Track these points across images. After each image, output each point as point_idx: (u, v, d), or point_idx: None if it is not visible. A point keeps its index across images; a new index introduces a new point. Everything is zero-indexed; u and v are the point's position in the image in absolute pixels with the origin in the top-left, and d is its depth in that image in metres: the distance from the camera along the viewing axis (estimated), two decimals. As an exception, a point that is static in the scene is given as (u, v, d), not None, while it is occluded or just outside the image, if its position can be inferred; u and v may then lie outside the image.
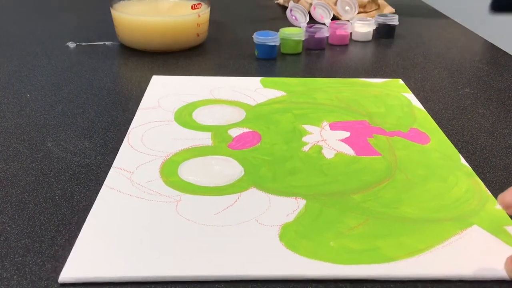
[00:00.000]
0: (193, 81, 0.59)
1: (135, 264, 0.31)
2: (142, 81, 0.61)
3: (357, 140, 0.47)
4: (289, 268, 0.31)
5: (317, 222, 0.35)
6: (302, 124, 0.49)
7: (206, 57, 0.70)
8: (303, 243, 0.33)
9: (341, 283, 0.31)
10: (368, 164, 0.43)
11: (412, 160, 0.43)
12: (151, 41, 0.70)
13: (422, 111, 0.53)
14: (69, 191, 0.39)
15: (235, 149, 0.45)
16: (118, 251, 0.32)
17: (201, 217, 0.36)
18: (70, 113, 0.52)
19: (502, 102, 0.56)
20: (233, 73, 0.63)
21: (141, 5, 0.74)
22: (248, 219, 0.36)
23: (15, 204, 0.37)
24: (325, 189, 0.39)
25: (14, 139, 0.46)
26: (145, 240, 0.33)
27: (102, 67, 0.65)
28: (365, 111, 0.52)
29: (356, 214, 0.36)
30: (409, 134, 0.48)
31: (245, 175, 0.41)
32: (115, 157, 0.43)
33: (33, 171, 0.41)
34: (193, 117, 0.50)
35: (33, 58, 0.67)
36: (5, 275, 0.31)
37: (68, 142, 0.46)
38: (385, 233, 0.35)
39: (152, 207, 0.37)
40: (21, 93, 0.56)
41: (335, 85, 0.59)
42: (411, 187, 0.40)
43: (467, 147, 0.47)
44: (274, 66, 0.67)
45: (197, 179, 0.40)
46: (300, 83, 0.59)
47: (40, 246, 0.33)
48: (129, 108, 0.53)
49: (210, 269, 0.31)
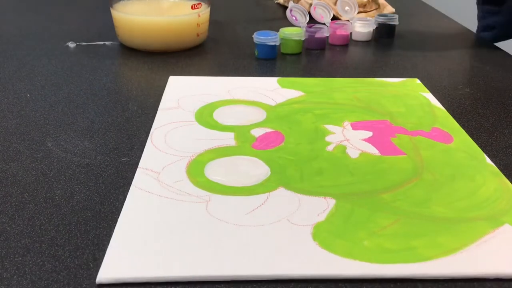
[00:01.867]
0: (210, 81, 0.59)
1: (171, 264, 0.31)
2: (142, 81, 0.61)
3: (380, 139, 0.47)
4: (325, 267, 0.31)
5: (349, 222, 0.36)
6: (324, 124, 0.49)
7: (206, 57, 0.70)
8: (337, 243, 0.33)
9: (379, 282, 0.31)
10: (394, 163, 0.43)
11: (438, 160, 0.44)
12: (151, 41, 0.70)
13: (442, 110, 0.53)
14: (69, 191, 0.39)
15: (259, 149, 0.45)
16: (153, 251, 0.32)
17: (233, 217, 0.36)
18: (70, 113, 0.52)
19: (502, 102, 0.56)
20: (233, 73, 0.63)
21: (141, 5, 0.74)
22: (280, 219, 0.36)
23: (15, 204, 0.37)
24: (354, 189, 0.39)
25: (14, 139, 0.46)
26: (179, 241, 0.33)
27: (102, 67, 0.65)
28: (386, 111, 0.52)
29: (387, 213, 0.37)
30: (432, 134, 0.48)
31: (272, 175, 0.41)
32: (117, 157, 0.43)
33: (33, 171, 0.41)
34: (214, 117, 0.50)
35: (33, 58, 0.67)
36: (5, 275, 0.31)
37: (68, 142, 0.46)
38: (419, 232, 0.35)
39: (183, 208, 0.37)
40: (21, 93, 0.56)
41: (353, 84, 0.59)
42: (440, 187, 0.40)
43: (467, 147, 0.47)
44: (274, 66, 0.67)
45: (224, 179, 0.40)
46: (317, 83, 0.59)
47: (40, 246, 0.33)
48: (129, 108, 0.53)
49: (246, 269, 0.31)
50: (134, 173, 0.41)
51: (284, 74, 0.63)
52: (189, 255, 0.32)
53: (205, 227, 0.35)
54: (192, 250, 0.32)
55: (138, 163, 0.43)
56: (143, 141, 0.46)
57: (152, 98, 0.56)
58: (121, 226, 0.34)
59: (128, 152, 0.44)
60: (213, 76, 0.61)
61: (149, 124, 0.49)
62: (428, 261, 0.32)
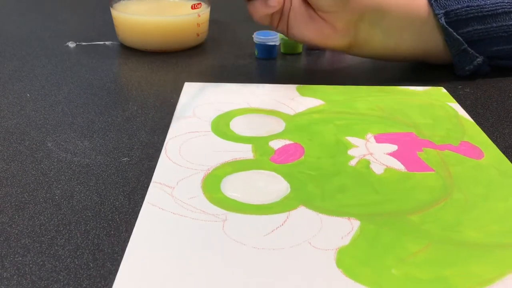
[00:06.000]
0: (226, 88, 0.57)
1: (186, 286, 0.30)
2: (142, 81, 0.61)
3: (406, 154, 0.44)
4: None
5: (375, 246, 0.33)
6: (346, 136, 0.47)
7: (206, 57, 0.70)
8: (363, 271, 0.31)
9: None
10: (421, 181, 0.40)
11: (469, 177, 0.41)
12: (151, 41, 0.70)
13: (470, 122, 0.50)
14: (69, 191, 0.39)
15: (278, 163, 0.43)
16: (166, 272, 0.31)
17: (251, 239, 0.33)
18: (70, 113, 0.52)
19: (502, 102, 0.56)
20: (233, 73, 0.63)
21: (141, 5, 0.74)
22: (301, 242, 0.33)
23: (15, 204, 0.37)
24: (379, 209, 0.37)
25: (14, 139, 0.46)
26: (194, 263, 0.31)
27: (102, 67, 0.65)
28: (411, 122, 0.50)
29: (416, 237, 0.34)
30: (461, 148, 0.45)
31: (291, 191, 0.39)
32: (117, 157, 0.43)
33: (33, 171, 0.41)
34: (231, 127, 0.48)
35: (33, 58, 0.67)
36: (5, 275, 0.31)
37: (68, 142, 0.46)
38: (451, 260, 0.32)
39: (198, 227, 0.35)
40: (21, 93, 0.56)
41: (375, 93, 0.56)
42: (472, 208, 0.37)
43: (467, 147, 0.47)
44: (274, 66, 0.67)
45: (242, 195, 0.38)
46: (338, 91, 0.57)
47: (40, 246, 0.33)
48: (129, 108, 0.53)
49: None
50: (134, 173, 0.41)
51: (284, 74, 0.63)
52: (205, 278, 0.30)
53: (222, 249, 0.33)
54: (207, 274, 0.31)
55: (138, 163, 0.43)
56: (143, 141, 0.46)
57: (152, 98, 0.56)
58: (133, 246, 0.33)
59: (128, 152, 0.44)
60: (229, 83, 0.59)
61: (149, 124, 0.49)
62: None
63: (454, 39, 0.58)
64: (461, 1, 0.58)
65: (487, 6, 0.57)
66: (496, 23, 0.58)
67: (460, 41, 0.58)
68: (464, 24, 0.58)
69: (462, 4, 0.58)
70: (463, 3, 0.58)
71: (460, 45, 0.58)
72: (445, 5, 0.58)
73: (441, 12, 0.57)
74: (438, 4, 0.58)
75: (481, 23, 0.58)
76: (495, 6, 0.57)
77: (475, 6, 0.57)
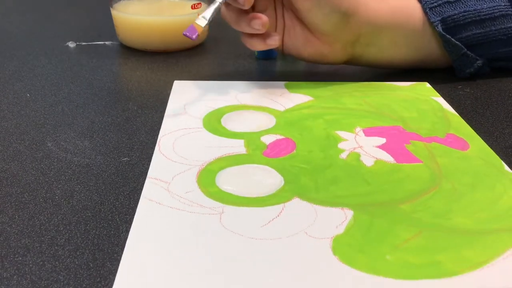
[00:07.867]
0: (216, 86, 0.58)
1: (189, 279, 0.30)
2: (142, 81, 0.61)
3: (394, 146, 0.45)
4: (348, 284, 0.30)
5: (369, 235, 0.34)
6: (335, 130, 0.48)
7: (206, 57, 0.70)
8: (359, 257, 0.32)
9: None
10: (410, 172, 0.42)
11: (456, 168, 0.42)
12: (151, 41, 0.70)
13: (455, 115, 0.52)
14: (69, 191, 0.39)
15: (271, 157, 0.43)
16: (167, 266, 0.31)
17: (248, 230, 0.34)
18: (70, 113, 0.52)
19: (502, 102, 0.56)
20: (233, 73, 0.63)
21: (141, 5, 0.74)
22: (297, 232, 0.34)
23: (15, 204, 0.37)
24: (371, 199, 0.38)
25: (14, 139, 0.46)
26: (195, 255, 0.32)
27: (102, 67, 0.65)
28: (397, 116, 0.51)
29: (408, 225, 0.35)
30: (447, 140, 0.47)
31: (285, 184, 0.40)
32: (117, 157, 0.43)
33: (33, 171, 0.41)
34: (222, 123, 0.49)
35: (33, 58, 0.67)
36: (5, 275, 0.31)
37: (68, 142, 0.46)
38: (443, 246, 0.33)
39: (196, 220, 0.35)
40: (21, 93, 0.56)
41: (361, 89, 0.58)
42: (460, 197, 0.39)
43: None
44: (274, 66, 0.67)
45: (237, 189, 0.39)
46: (325, 87, 0.58)
47: (40, 246, 0.33)
48: (129, 108, 0.53)
49: (267, 284, 0.30)
50: (134, 173, 0.41)
51: (284, 74, 0.63)
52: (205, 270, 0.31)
53: (220, 241, 0.33)
54: (208, 265, 0.31)
55: (138, 163, 0.43)
56: (143, 141, 0.46)
57: (152, 98, 0.56)
58: (132, 241, 0.33)
59: (128, 152, 0.45)
60: (218, 80, 0.60)
61: (149, 124, 0.49)
62: (455, 277, 0.31)
63: (453, 45, 0.58)
64: (457, 7, 0.58)
65: (485, 10, 0.57)
66: (495, 26, 0.58)
67: (459, 46, 0.58)
68: (462, 29, 0.58)
69: (458, 10, 0.58)
70: (460, 8, 0.58)
71: (459, 50, 0.58)
72: (441, 12, 0.58)
73: (437, 20, 0.57)
74: (433, 12, 0.58)
75: (480, 27, 0.58)
76: (492, 10, 0.57)
77: (472, 10, 0.57)
